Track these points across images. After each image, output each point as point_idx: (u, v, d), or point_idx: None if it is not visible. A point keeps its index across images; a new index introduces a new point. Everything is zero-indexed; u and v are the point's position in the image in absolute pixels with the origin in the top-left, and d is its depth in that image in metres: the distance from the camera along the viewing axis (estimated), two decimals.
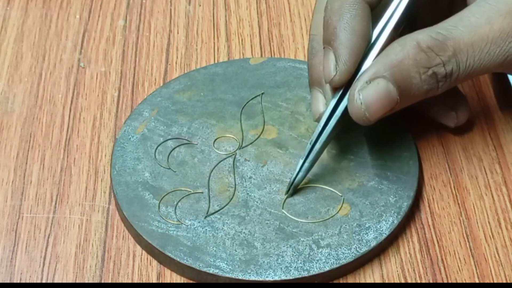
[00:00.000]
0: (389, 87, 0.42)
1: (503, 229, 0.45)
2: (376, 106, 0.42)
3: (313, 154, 0.45)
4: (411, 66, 0.42)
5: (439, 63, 0.42)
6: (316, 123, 0.45)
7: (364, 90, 0.42)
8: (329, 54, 0.44)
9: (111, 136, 0.50)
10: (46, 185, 0.47)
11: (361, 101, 0.42)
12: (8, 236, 0.45)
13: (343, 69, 0.43)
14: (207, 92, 0.51)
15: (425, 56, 0.42)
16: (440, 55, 0.42)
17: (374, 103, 0.42)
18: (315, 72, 0.46)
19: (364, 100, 0.42)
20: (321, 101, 0.46)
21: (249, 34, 0.57)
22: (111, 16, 0.58)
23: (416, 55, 0.42)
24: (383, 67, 0.42)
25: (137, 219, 0.44)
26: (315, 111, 0.46)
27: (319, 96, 0.46)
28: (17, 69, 0.54)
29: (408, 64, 0.42)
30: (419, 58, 0.42)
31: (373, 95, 0.42)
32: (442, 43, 0.42)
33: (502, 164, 0.48)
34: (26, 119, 0.51)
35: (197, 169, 0.47)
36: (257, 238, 0.44)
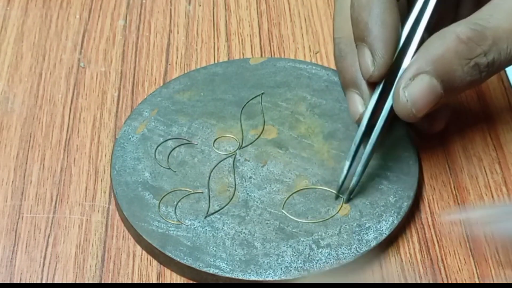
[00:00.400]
0: (433, 82, 0.42)
1: None
2: (422, 102, 0.42)
3: (365, 156, 0.44)
4: (453, 58, 0.42)
5: (480, 53, 0.42)
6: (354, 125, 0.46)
7: (409, 87, 0.42)
8: (364, 50, 0.44)
9: (111, 136, 0.50)
10: (46, 185, 0.47)
11: (407, 98, 0.42)
12: (8, 236, 0.45)
13: (381, 62, 0.43)
14: (207, 92, 0.51)
15: (466, 47, 0.42)
16: (481, 45, 0.42)
17: (420, 99, 0.42)
18: (347, 74, 0.46)
19: (409, 97, 0.42)
20: (358, 102, 0.46)
21: (249, 34, 0.57)
22: (111, 16, 0.58)
23: (457, 47, 0.42)
24: (425, 62, 0.42)
25: (137, 219, 0.44)
26: (354, 112, 0.46)
27: (356, 97, 0.46)
28: (17, 69, 0.54)
29: (449, 57, 0.42)
30: (460, 50, 0.42)
31: (418, 91, 0.42)
32: (481, 33, 0.42)
33: (502, 164, 0.48)
34: (26, 119, 0.51)
35: (197, 169, 0.47)
36: (257, 238, 0.44)
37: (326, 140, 0.48)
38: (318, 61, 0.54)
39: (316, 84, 0.51)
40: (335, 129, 0.49)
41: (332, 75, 0.52)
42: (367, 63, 0.43)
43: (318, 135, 0.49)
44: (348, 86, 0.46)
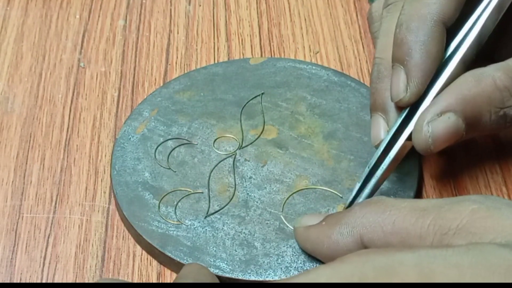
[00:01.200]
0: (458, 122, 0.41)
1: None
2: (443, 139, 0.41)
3: (375, 180, 0.43)
4: (484, 104, 0.41)
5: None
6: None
7: (434, 123, 0.41)
8: (400, 73, 0.43)
9: (111, 136, 0.50)
10: (46, 185, 0.47)
11: (430, 134, 0.41)
12: (8, 236, 0.45)
13: (415, 91, 0.42)
14: (207, 92, 0.51)
15: (500, 95, 0.41)
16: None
17: (441, 136, 0.41)
18: (379, 97, 0.45)
19: (432, 133, 0.41)
20: (382, 128, 0.45)
21: (249, 34, 0.57)
22: (111, 16, 0.58)
23: (491, 93, 0.41)
24: (455, 101, 0.41)
25: (137, 219, 0.44)
26: (375, 137, 0.45)
27: (381, 122, 0.45)
28: (17, 69, 0.54)
29: (481, 101, 0.41)
30: (494, 97, 0.41)
31: (442, 129, 0.41)
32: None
33: (502, 164, 0.48)
34: (26, 119, 0.51)
35: (197, 169, 0.47)
36: (257, 238, 0.44)
37: (326, 140, 0.48)
38: (318, 61, 0.54)
39: (316, 84, 0.51)
40: (335, 129, 0.49)
41: (332, 75, 0.52)
42: (400, 86, 0.42)
43: (318, 135, 0.49)
44: (376, 109, 0.45)
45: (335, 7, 0.58)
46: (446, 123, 0.41)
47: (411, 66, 0.42)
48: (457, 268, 0.29)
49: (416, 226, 0.35)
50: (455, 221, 0.34)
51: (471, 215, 0.34)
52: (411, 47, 0.42)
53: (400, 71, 0.43)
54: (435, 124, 0.41)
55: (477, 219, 0.33)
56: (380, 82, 0.45)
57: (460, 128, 0.41)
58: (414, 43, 0.42)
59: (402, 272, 0.29)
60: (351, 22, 0.57)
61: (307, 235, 0.41)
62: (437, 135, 0.41)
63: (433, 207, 0.35)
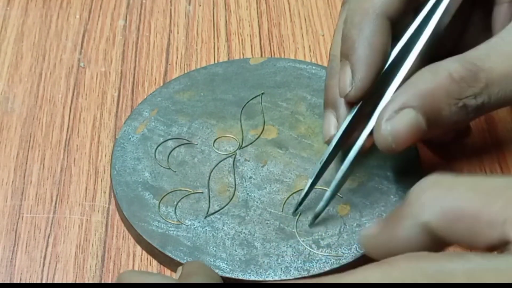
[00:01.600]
0: (418, 118, 0.40)
1: None
2: (403, 137, 0.40)
3: (335, 182, 0.43)
4: (442, 97, 0.40)
5: (471, 95, 0.40)
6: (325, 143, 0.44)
7: (392, 120, 0.40)
8: (346, 68, 0.42)
9: (111, 136, 0.50)
10: (46, 185, 0.47)
11: (389, 131, 0.40)
12: (8, 236, 0.45)
13: (359, 85, 0.42)
14: (207, 92, 0.51)
15: (457, 87, 0.40)
16: (473, 86, 0.40)
17: (401, 134, 0.40)
18: (330, 93, 0.45)
19: (392, 130, 0.40)
20: (333, 124, 0.45)
21: (249, 34, 0.57)
22: (111, 16, 0.58)
23: (448, 86, 0.40)
24: (413, 96, 0.40)
25: (137, 219, 0.44)
26: (326, 133, 0.45)
27: (332, 119, 0.45)
28: (17, 69, 0.54)
29: (439, 95, 0.40)
30: (451, 89, 0.40)
31: (402, 126, 0.40)
32: (475, 74, 0.40)
33: (502, 164, 0.48)
34: (26, 119, 0.51)
35: (197, 169, 0.47)
36: (257, 238, 0.44)
37: None
38: (318, 61, 0.54)
39: (316, 84, 0.51)
40: None
41: None
42: (346, 81, 0.42)
43: (318, 135, 0.49)
44: (327, 106, 0.45)
45: (335, 7, 0.58)
46: (404, 119, 0.40)
47: (355, 61, 0.42)
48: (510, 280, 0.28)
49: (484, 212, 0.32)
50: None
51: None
52: (355, 41, 0.42)
53: (346, 66, 0.43)
54: (393, 121, 0.40)
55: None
56: (332, 78, 0.45)
57: (420, 124, 0.40)
58: (357, 37, 0.42)
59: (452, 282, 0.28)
60: None
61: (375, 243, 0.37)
62: (397, 132, 0.40)
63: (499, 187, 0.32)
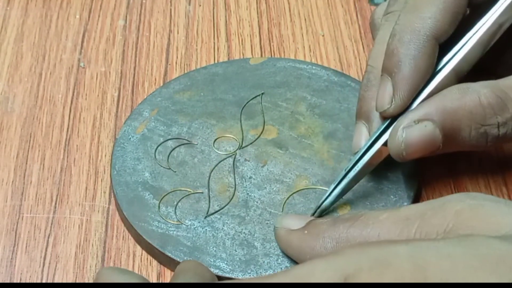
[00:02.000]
0: (435, 132, 0.40)
1: None
2: (416, 148, 0.41)
3: (345, 181, 0.43)
4: (465, 118, 0.40)
5: (494, 123, 0.40)
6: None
7: (409, 129, 0.41)
8: (387, 84, 0.42)
9: (111, 136, 0.50)
10: (46, 185, 0.47)
11: (403, 139, 0.41)
12: (8, 236, 0.45)
13: (399, 103, 0.42)
14: (207, 92, 0.51)
15: (482, 112, 0.40)
16: (498, 115, 0.40)
17: (415, 144, 0.41)
18: (365, 105, 0.45)
19: (406, 139, 0.41)
20: (364, 136, 0.45)
21: (249, 34, 0.57)
22: (111, 16, 0.58)
23: (474, 108, 0.40)
24: (436, 111, 0.40)
25: (137, 219, 0.44)
26: (356, 145, 0.45)
27: (363, 131, 0.45)
28: (17, 69, 0.54)
29: (462, 115, 0.40)
30: (476, 112, 0.40)
31: (417, 136, 0.41)
32: (504, 103, 0.40)
33: (502, 164, 0.48)
34: (26, 119, 0.51)
35: (197, 169, 0.47)
36: (257, 238, 0.44)
37: (326, 140, 0.48)
38: (318, 61, 0.54)
39: (316, 84, 0.51)
40: (335, 129, 0.49)
41: (332, 75, 0.52)
42: (385, 98, 0.42)
43: (318, 135, 0.49)
44: (360, 117, 0.45)
45: (335, 7, 0.58)
46: (421, 131, 0.40)
47: (399, 79, 0.42)
48: (450, 258, 0.30)
49: (402, 236, 0.35)
50: (441, 226, 0.34)
51: (456, 217, 0.34)
52: (401, 60, 0.42)
53: (387, 82, 0.42)
54: (410, 130, 0.41)
55: (463, 220, 0.33)
56: (368, 90, 0.45)
57: (436, 139, 0.41)
58: (404, 56, 0.42)
59: (397, 263, 0.29)
60: (351, 22, 0.57)
61: (289, 241, 0.41)
62: (411, 141, 0.41)
63: (415, 214, 0.35)
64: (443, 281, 0.29)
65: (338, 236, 0.38)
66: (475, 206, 0.34)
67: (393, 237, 0.35)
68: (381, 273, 0.29)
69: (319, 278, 0.29)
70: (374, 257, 0.30)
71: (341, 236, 0.38)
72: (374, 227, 0.37)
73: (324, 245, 0.39)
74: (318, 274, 0.30)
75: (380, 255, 0.30)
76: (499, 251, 0.30)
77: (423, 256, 0.30)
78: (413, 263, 0.29)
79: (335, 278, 0.29)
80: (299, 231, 0.41)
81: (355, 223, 0.38)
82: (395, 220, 0.36)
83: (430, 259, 0.30)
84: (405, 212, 0.36)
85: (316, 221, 0.41)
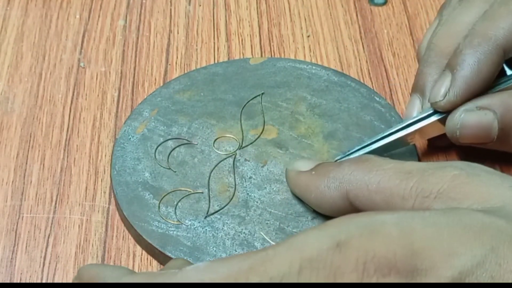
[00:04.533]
0: (494, 123, 0.42)
1: None
2: (470, 131, 0.43)
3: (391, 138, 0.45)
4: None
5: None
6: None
7: (469, 113, 0.43)
8: (446, 79, 0.44)
9: (111, 136, 0.50)
10: (46, 185, 0.47)
11: (461, 119, 0.43)
12: (8, 236, 0.45)
13: (452, 99, 0.43)
14: (207, 92, 0.51)
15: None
16: None
17: (470, 128, 0.43)
18: (422, 79, 0.47)
19: (463, 120, 0.43)
20: (416, 107, 0.47)
21: (249, 34, 0.57)
22: (111, 16, 0.58)
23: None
24: (500, 103, 0.42)
25: (137, 219, 0.44)
26: (408, 115, 0.47)
27: (417, 103, 0.47)
28: (17, 69, 0.54)
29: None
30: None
31: (475, 121, 0.42)
32: None
33: (502, 164, 0.48)
34: (26, 119, 0.51)
35: (197, 169, 0.47)
36: (257, 238, 0.44)
37: (326, 140, 0.48)
38: (318, 61, 0.54)
39: (316, 84, 0.51)
40: (335, 129, 0.49)
41: (332, 75, 0.52)
42: (440, 90, 0.44)
43: (318, 135, 0.49)
44: (416, 90, 0.47)
45: (335, 7, 0.58)
46: (480, 117, 0.42)
47: (458, 76, 0.43)
48: (435, 226, 0.31)
49: (400, 187, 0.37)
50: (436, 186, 0.35)
51: (452, 180, 0.35)
52: (465, 59, 0.43)
53: (447, 77, 0.44)
54: (469, 114, 0.43)
55: (457, 185, 0.35)
56: (427, 67, 0.47)
57: (493, 129, 0.42)
58: (469, 56, 0.43)
59: (384, 230, 0.31)
60: (351, 22, 0.57)
61: (297, 181, 0.44)
62: (467, 124, 0.42)
63: (417, 170, 0.37)
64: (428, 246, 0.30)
65: (342, 177, 0.40)
66: (471, 175, 0.35)
67: (392, 186, 0.37)
68: (370, 239, 0.30)
69: (313, 245, 0.31)
70: (364, 225, 0.31)
71: (344, 177, 0.40)
72: (377, 174, 0.38)
73: (328, 184, 0.41)
74: (311, 241, 0.31)
75: (369, 223, 0.31)
76: (482, 222, 0.31)
77: (409, 224, 0.31)
78: (400, 230, 0.31)
79: (328, 244, 0.30)
80: (308, 172, 0.43)
81: (360, 166, 0.40)
82: (397, 171, 0.38)
83: (416, 226, 0.31)
84: (409, 166, 0.38)
85: (324, 163, 0.43)
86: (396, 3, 0.59)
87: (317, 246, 0.30)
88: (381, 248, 0.30)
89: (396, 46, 0.55)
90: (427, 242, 0.30)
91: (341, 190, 0.40)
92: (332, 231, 0.31)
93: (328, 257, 0.30)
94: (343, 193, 0.40)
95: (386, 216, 0.32)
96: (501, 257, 0.30)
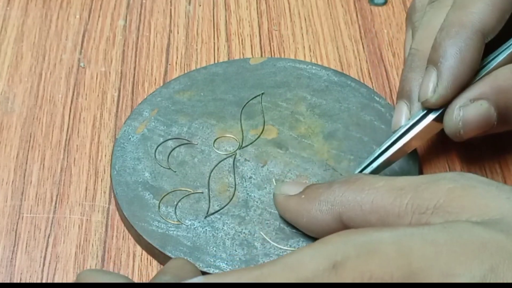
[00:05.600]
0: (490, 110, 0.42)
1: None
2: (473, 126, 0.42)
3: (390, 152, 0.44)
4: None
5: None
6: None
7: (466, 108, 0.42)
8: (432, 74, 0.43)
9: (111, 136, 0.50)
10: (46, 185, 0.47)
11: (461, 118, 0.42)
12: (8, 236, 0.45)
13: (443, 93, 0.43)
14: (207, 92, 0.51)
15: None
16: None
17: (472, 123, 0.42)
18: (407, 85, 0.46)
19: (463, 117, 0.42)
20: (404, 114, 0.46)
21: (249, 34, 0.57)
22: (111, 16, 0.58)
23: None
24: (490, 89, 0.42)
25: (137, 219, 0.44)
26: (396, 123, 0.46)
27: (404, 109, 0.46)
28: (17, 69, 0.54)
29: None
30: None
31: (474, 115, 0.42)
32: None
33: (502, 164, 0.48)
34: (26, 119, 0.51)
35: (197, 169, 0.47)
36: (257, 238, 0.44)
37: (326, 140, 0.48)
38: (318, 61, 0.54)
39: (316, 84, 0.51)
40: (335, 129, 0.49)
41: (332, 75, 0.52)
42: (429, 87, 0.43)
43: (318, 135, 0.49)
44: (402, 97, 0.46)
45: (335, 7, 0.58)
46: (478, 109, 0.42)
47: (444, 69, 0.43)
48: (434, 244, 0.30)
49: (394, 205, 0.36)
50: (432, 201, 0.35)
51: (448, 194, 0.35)
52: (447, 50, 0.43)
53: (432, 73, 0.43)
54: (467, 109, 0.42)
55: (454, 198, 0.34)
56: (412, 72, 0.46)
57: (491, 117, 0.42)
58: (450, 46, 0.43)
59: (382, 250, 0.30)
60: (351, 22, 0.57)
61: (287, 206, 0.42)
62: (468, 120, 0.42)
63: (410, 186, 0.36)
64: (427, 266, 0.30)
65: (333, 199, 0.39)
66: (467, 187, 0.35)
67: (386, 205, 0.36)
68: (367, 260, 0.30)
69: (308, 266, 0.30)
70: (360, 244, 0.31)
71: (336, 199, 0.39)
72: (369, 193, 0.37)
73: (319, 208, 0.40)
74: (306, 262, 0.30)
75: (366, 242, 0.31)
76: (481, 238, 0.31)
77: (407, 243, 0.31)
78: (398, 249, 0.30)
79: (324, 265, 0.30)
80: (297, 196, 0.42)
81: (351, 187, 0.39)
82: (390, 189, 0.37)
83: (414, 245, 0.30)
84: (401, 182, 0.37)
85: (313, 186, 0.42)
86: (396, 3, 0.59)
87: (313, 267, 0.30)
88: (378, 270, 0.30)
89: (396, 46, 0.55)
90: (425, 263, 0.30)
91: (333, 213, 0.39)
92: (328, 250, 0.31)
93: (324, 279, 0.30)
94: (336, 216, 0.39)
95: (384, 234, 0.31)
96: (500, 277, 0.30)
